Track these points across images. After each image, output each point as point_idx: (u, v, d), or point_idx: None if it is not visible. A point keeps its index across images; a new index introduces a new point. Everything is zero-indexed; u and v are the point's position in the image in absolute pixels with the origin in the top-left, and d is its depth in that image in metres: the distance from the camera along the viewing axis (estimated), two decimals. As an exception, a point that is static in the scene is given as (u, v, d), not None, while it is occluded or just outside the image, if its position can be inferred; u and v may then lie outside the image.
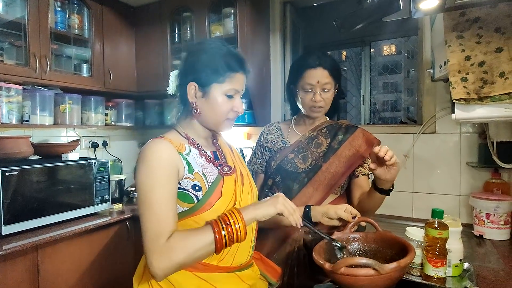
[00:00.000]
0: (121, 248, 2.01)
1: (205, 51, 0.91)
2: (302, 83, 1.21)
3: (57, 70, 2.03)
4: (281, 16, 2.32)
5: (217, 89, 0.90)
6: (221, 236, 0.79)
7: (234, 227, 0.80)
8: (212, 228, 0.80)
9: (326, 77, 1.19)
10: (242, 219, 0.82)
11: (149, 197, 0.81)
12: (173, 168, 0.85)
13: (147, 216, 0.80)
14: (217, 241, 0.79)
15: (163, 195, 0.81)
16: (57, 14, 2.03)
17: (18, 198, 1.61)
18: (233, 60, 0.90)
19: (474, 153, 1.75)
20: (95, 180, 1.98)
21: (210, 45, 0.93)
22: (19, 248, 1.47)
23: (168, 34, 2.33)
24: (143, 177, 0.83)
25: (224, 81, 0.90)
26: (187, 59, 0.94)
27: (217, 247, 0.80)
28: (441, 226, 0.98)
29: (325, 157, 1.20)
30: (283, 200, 0.86)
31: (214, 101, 0.90)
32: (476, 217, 1.56)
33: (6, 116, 1.79)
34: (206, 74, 0.89)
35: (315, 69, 1.18)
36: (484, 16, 1.16)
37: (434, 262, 0.99)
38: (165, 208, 0.81)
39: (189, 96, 0.91)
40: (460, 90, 1.20)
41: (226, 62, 0.89)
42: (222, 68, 0.89)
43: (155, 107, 2.61)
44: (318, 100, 1.19)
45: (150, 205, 0.80)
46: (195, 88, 0.90)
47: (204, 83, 0.89)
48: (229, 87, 0.90)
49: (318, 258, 0.81)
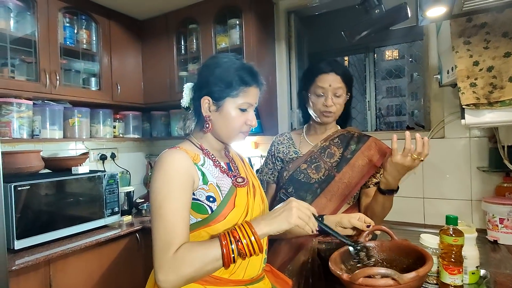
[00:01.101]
0: (131, 261, 2.01)
1: (219, 65, 0.92)
2: (314, 88, 1.21)
3: (66, 85, 2.06)
4: (285, 26, 2.34)
5: (230, 103, 0.90)
6: (229, 251, 0.77)
7: (244, 242, 0.77)
8: (220, 242, 0.78)
9: (338, 82, 1.19)
10: (254, 233, 0.79)
11: (163, 206, 0.80)
12: (189, 178, 0.85)
13: (158, 225, 0.80)
14: (224, 256, 0.77)
15: (177, 205, 0.81)
16: (66, 29, 2.07)
17: (30, 213, 1.63)
18: (246, 74, 0.91)
19: (484, 157, 1.73)
20: (105, 192, 1.99)
21: (223, 59, 0.93)
22: (31, 263, 1.48)
23: (174, 46, 2.37)
24: (159, 185, 0.82)
25: (238, 95, 0.90)
26: (201, 73, 0.95)
27: (224, 262, 0.77)
28: (456, 232, 0.96)
29: (338, 167, 1.20)
30: (297, 211, 0.82)
31: (228, 115, 0.91)
32: (490, 222, 1.54)
33: (17, 131, 1.82)
34: (219, 89, 0.89)
35: (328, 74, 1.19)
36: (491, 21, 1.16)
37: (451, 269, 0.97)
38: (177, 218, 0.80)
39: (203, 110, 0.92)
40: (469, 95, 1.20)
41: (239, 76, 0.90)
42: (235, 82, 0.89)
43: (162, 118, 2.63)
44: (329, 104, 1.18)
45: (163, 214, 0.80)
46: (209, 102, 0.91)
47: (218, 97, 0.90)
48: (242, 101, 0.91)
49: (335, 269, 0.81)
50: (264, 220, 0.82)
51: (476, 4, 0.98)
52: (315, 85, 1.21)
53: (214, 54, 0.90)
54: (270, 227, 0.81)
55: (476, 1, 0.95)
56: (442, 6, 1.00)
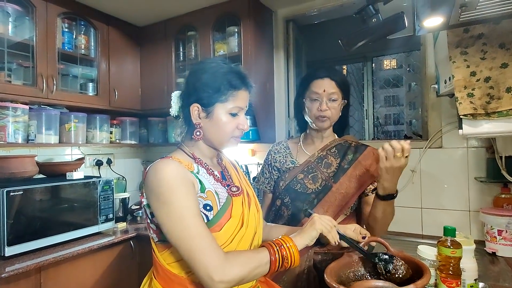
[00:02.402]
0: (125, 269, 1.97)
1: (206, 71, 0.90)
2: (309, 93, 1.22)
3: (63, 90, 2.05)
4: (284, 34, 2.35)
5: (220, 108, 0.89)
6: (275, 258, 0.82)
7: (289, 251, 0.83)
8: (267, 249, 0.83)
9: (333, 87, 1.19)
10: (294, 245, 0.85)
11: (184, 214, 0.79)
12: (191, 184, 0.84)
13: (188, 234, 0.78)
14: (272, 262, 0.82)
15: (195, 211, 0.81)
16: (64, 35, 2.07)
17: (22, 219, 1.60)
18: (235, 77, 0.89)
19: (482, 167, 1.73)
20: (99, 198, 1.96)
21: (210, 64, 0.92)
22: (22, 270, 1.45)
23: (172, 53, 2.37)
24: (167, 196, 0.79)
25: (227, 100, 0.88)
26: (188, 80, 0.93)
27: (271, 268, 0.82)
28: (454, 244, 0.95)
29: (335, 177, 1.19)
30: (318, 219, 0.91)
31: (219, 121, 0.89)
32: (488, 233, 1.53)
33: (12, 136, 1.80)
34: (208, 95, 0.88)
35: (322, 79, 1.19)
36: (488, 32, 1.17)
37: (449, 282, 0.95)
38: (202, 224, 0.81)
39: (192, 117, 0.90)
40: (466, 105, 1.20)
41: (227, 81, 0.88)
42: (224, 87, 0.88)
43: (159, 124, 2.62)
44: (324, 108, 1.18)
45: (188, 222, 0.78)
46: (198, 109, 0.89)
47: (207, 103, 0.88)
48: (232, 105, 0.89)
49: (331, 281, 0.79)
50: (297, 236, 0.89)
51: (473, 15, 0.99)
52: (310, 90, 1.21)
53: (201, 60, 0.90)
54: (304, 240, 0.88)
55: (473, 12, 0.95)
56: (439, 16, 1.00)
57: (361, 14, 1.03)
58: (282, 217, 1.21)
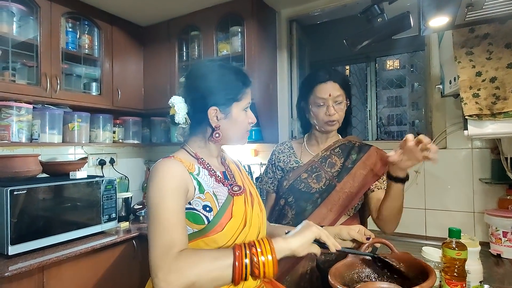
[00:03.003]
0: (127, 268, 1.97)
1: (215, 73, 0.91)
2: (314, 99, 1.21)
3: (67, 89, 2.06)
4: (287, 34, 2.35)
5: (237, 107, 0.92)
6: (241, 263, 0.70)
7: (260, 259, 0.71)
8: (233, 251, 0.73)
9: (337, 90, 1.19)
10: (272, 250, 0.73)
11: (159, 210, 0.78)
12: (183, 186, 0.83)
13: (156, 227, 0.76)
14: (235, 267, 0.70)
15: (173, 208, 0.79)
16: (68, 34, 2.08)
17: (25, 218, 1.61)
18: (243, 76, 0.93)
19: (486, 169, 1.71)
20: (102, 198, 1.96)
21: (214, 66, 0.93)
22: (25, 269, 1.45)
23: (176, 53, 2.37)
24: (152, 194, 0.81)
25: (242, 98, 0.92)
26: (200, 84, 0.91)
27: (234, 274, 0.70)
28: (459, 246, 0.94)
29: (339, 176, 1.18)
30: (314, 225, 0.82)
31: (237, 119, 0.92)
32: (493, 235, 1.51)
33: (16, 135, 1.81)
34: (226, 96, 0.90)
35: (326, 83, 1.19)
36: (493, 32, 1.16)
37: (453, 284, 0.95)
38: (175, 219, 0.78)
39: (210, 120, 0.90)
40: (472, 106, 1.19)
41: (240, 80, 0.91)
42: (239, 86, 0.91)
43: (162, 124, 2.62)
44: (332, 113, 1.18)
45: (159, 218, 0.77)
46: (216, 111, 0.90)
47: (226, 104, 0.90)
48: (246, 102, 0.93)
49: (335, 283, 0.78)
50: (282, 238, 0.78)
51: (479, 15, 0.98)
52: (315, 95, 1.21)
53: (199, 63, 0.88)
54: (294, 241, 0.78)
55: (479, 11, 0.94)
56: (445, 16, 0.99)
57: (366, 13, 1.02)
58: (286, 216, 1.21)
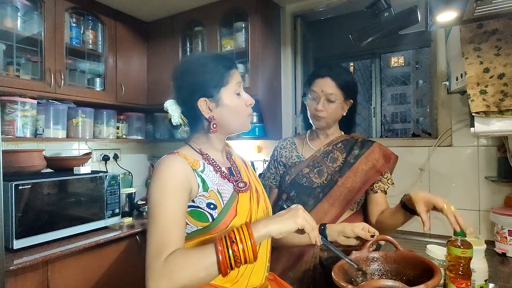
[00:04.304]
0: (131, 263, 1.98)
1: (198, 65, 0.92)
2: (309, 91, 1.23)
3: (71, 85, 2.06)
4: (291, 30, 2.33)
5: (226, 92, 0.90)
6: (225, 256, 0.70)
7: (239, 247, 0.71)
8: (215, 247, 0.72)
9: (331, 88, 1.17)
10: (251, 235, 0.72)
11: (157, 210, 0.78)
12: (186, 184, 0.83)
13: (152, 229, 0.77)
14: (220, 262, 0.70)
15: (171, 209, 0.78)
16: (72, 30, 2.08)
17: (30, 212, 1.61)
18: (223, 60, 0.92)
19: (493, 166, 1.69)
20: (106, 193, 1.97)
21: (196, 59, 0.95)
22: (29, 263, 1.46)
23: (179, 48, 2.36)
24: (153, 191, 0.81)
25: (228, 81, 0.90)
26: (185, 81, 0.92)
27: (221, 269, 0.71)
28: (465, 244, 0.93)
29: (341, 171, 1.18)
30: (303, 213, 0.78)
31: (230, 103, 0.91)
32: (498, 234, 1.50)
33: (21, 130, 1.81)
34: (211, 84, 0.89)
35: (323, 78, 1.19)
36: (502, 28, 1.14)
37: (458, 283, 0.94)
38: (170, 223, 0.77)
39: (203, 112, 0.90)
40: (479, 103, 1.17)
41: (221, 65, 0.90)
42: (221, 71, 0.90)
43: (165, 120, 2.59)
44: (319, 109, 1.18)
45: (156, 219, 0.77)
46: (206, 102, 0.89)
47: (213, 92, 0.89)
48: (233, 84, 0.91)
49: (339, 279, 0.78)
50: (264, 221, 0.77)
51: (488, 10, 0.96)
52: (311, 88, 1.22)
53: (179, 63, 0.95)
54: (271, 226, 0.75)
55: (489, 6, 0.92)
56: (453, 11, 0.97)
57: (373, 8, 1.01)
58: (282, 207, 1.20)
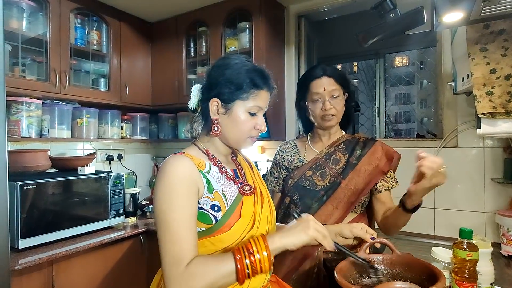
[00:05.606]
0: (135, 263, 1.99)
1: (229, 67, 0.88)
2: (310, 95, 1.21)
3: (75, 85, 2.07)
4: (296, 30, 2.33)
5: (240, 106, 0.87)
6: (243, 266, 0.74)
7: (256, 257, 0.74)
8: (233, 256, 0.75)
9: (332, 84, 1.17)
10: (267, 247, 0.76)
11: (168, 217, 0.77)
12: (193, 186, 0.82)
13: (165, 238, 0.77)
14: (238, 271, 0.74)
15: (183, 216, 0.77)
16: (77, 30, 2.09)
17: (35, 212, 1.62)
18: (258, 76, 0.87)
19: (499, 168, 1.68)
20: (110, 193, 1.98)
21: (234, 61, 0.90)
22: (34, 263, 1.47)
23: (183, 49, 2.36)
24: (161, 195, 0.79)
25: (248, 98, 0.87)
26: (211, 74, 0.91)
27: (238, 278, 0.74)
28: (471, 247, 0.92)
29: (344, 173, 1.17)
30: (314, 224, 0.81)
31: (237, 118, 0.87)
32: (504, 236, 1.48)
33: (26, 130, 1.83)
34: (229, 91, 0.86)
35: (320, 78, 1.18)
36: (509, 28, 1.13)
37: (464, 286, 0.93)
38: (184, 230, 0.77)
39: (211, 112, 0.88)
40: (485, 104, 1.16)
41: (250, 79, 0.86)
42: (246, 84, 0.86)
43: (169, 120, 2.63)
44: (328, 107, 1.16)
45: (169, 226, 0.76)
46: (217, 104, 0.88)
47: (227, 99, 0.87)
48: (252, 104, 0.87)
49: (342, 280, 0.77)
50: (279, 235, 0.80)
51: (495, 10, 0.95)
52: (310, 92, 1.20)
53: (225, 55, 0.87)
54: (286, 239, 0.78)
55: (496, 6, 0.91)
56: (459, 11, 0.97)
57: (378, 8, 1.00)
58: (291, 215, 1.20)
